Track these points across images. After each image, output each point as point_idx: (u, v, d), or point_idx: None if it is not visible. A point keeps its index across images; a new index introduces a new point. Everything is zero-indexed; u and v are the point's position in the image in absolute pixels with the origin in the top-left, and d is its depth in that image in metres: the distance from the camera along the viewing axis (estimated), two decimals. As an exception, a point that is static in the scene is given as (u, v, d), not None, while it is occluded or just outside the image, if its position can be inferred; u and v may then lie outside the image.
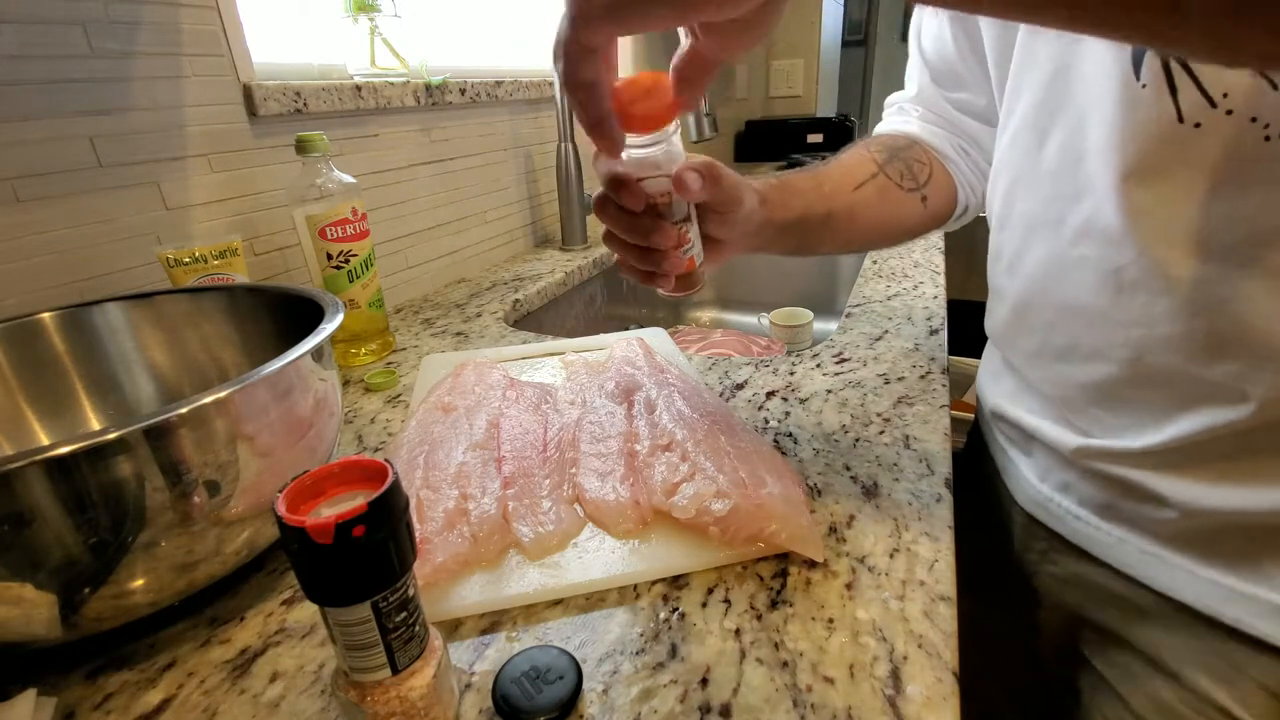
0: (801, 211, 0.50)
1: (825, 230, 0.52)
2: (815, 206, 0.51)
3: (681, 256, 0.41)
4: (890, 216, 0.55)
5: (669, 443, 0.44)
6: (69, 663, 0.33)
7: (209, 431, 0.31)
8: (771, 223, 0.48)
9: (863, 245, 0.57)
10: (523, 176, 1.09)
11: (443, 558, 0.35)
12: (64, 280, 0.53)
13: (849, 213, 0.52)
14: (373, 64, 0.80)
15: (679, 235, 0.40)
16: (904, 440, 0.48)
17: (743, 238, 0.46)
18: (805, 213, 0.50)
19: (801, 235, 0.51)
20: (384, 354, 0.70)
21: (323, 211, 0.63)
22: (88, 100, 0.53)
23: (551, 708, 0.27)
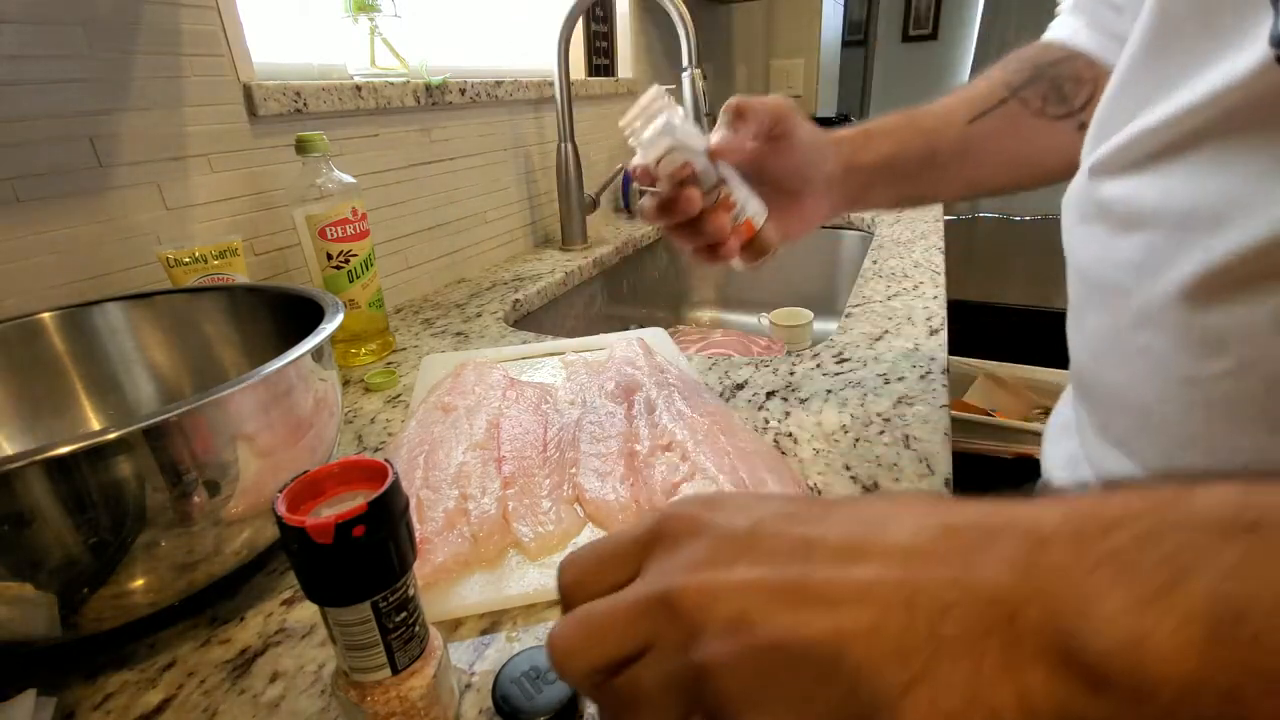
0: (892, 152, 0.44)
1: (932, 173, 0.45)
2: (911, 145, 0.45)
3: (731, 221, 0.40)
4: (1022, 152, 0.46)
5: (669, 443, 0.44)
6: (69, 663, 0.33)
7: (209, 431, 0.31)
8: (855, 168, 0.44)
9: (992, 188, 0.48)
10: (523, 176, 1.09)
11: (443, 558, 0.35)
12: (64, 280, 0.53)
13: (961, 150, 0.45)
14: (373, 64, 0.80)
15: (717, 198, 0.40)
16: (904, 440, 0.48)
17: (825, 190, 0.43)
18: (898, 153, 0.44)
19: (900, 181, 0.45)
20: (384, 354, 0.70)
21: (323, 211, 0.63)
22: (88, 100, 0.53)
23: (551, 708, 0.27)
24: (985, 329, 1.77)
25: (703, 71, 0.92)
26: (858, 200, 0.45)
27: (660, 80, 1.54)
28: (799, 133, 0.41)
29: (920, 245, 1.01)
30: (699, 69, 0.91)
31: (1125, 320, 0.33)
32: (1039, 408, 1.54)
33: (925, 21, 3.68)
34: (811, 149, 0.42)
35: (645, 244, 1.25)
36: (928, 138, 0.45)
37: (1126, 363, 0.34)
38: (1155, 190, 0.30)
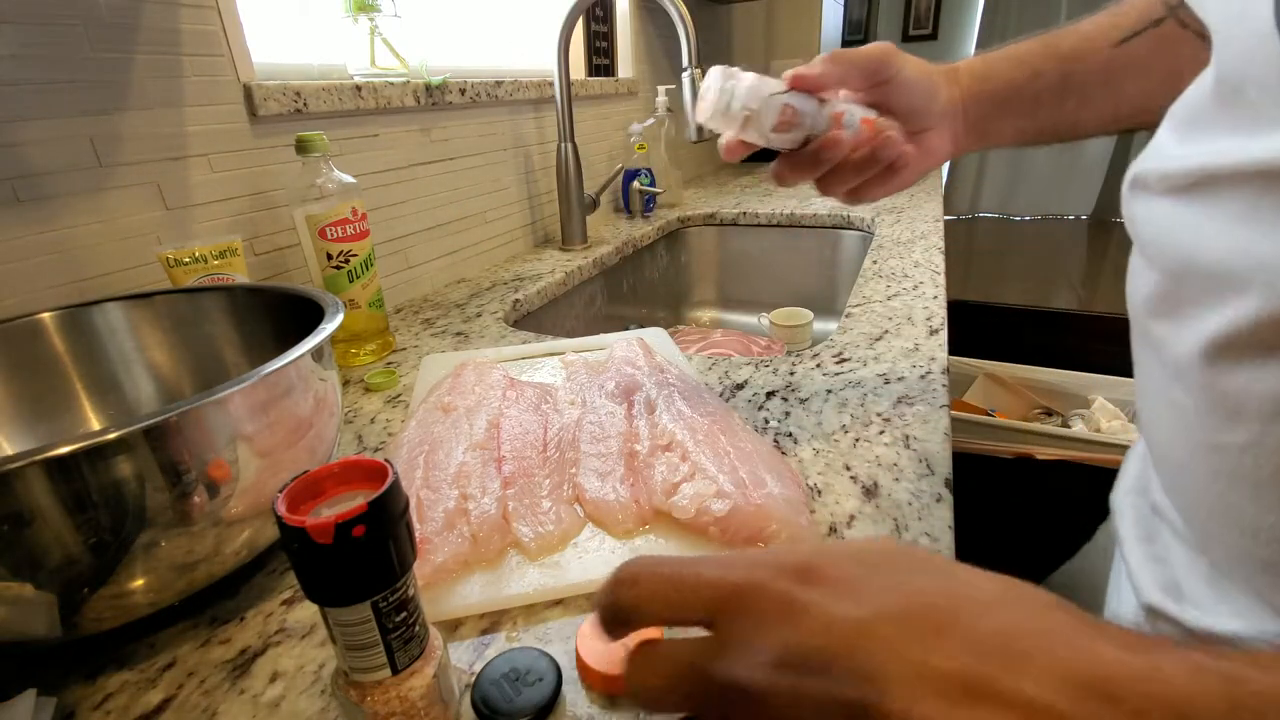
0: (1021, 79, 0.41)
1: (1069, 101, 0.41)
2: (1045, 71, 0.41)
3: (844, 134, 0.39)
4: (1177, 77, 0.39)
5: (669, 443, 0.44)
6: (69, 663, 0.33)
7: (209, 431, 0.31)
8: (976, 99, 0.41)
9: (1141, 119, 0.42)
10: (523, 176, 1.09)
11: (443, 558, 0.35)
12: (64, 280, 0.53)
13: (1104, 76, 0.41)
14: (373, 64, 0.80)
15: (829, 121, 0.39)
16: (904, 440, 0.48)
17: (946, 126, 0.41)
18: (1028, 80, 0.41)
19: (1033, 111, 0.41)
20: (384, 354, 0.70)
21: (323, 211, 0.63)
22: (88, 100, 0.53)
23: (530, 710, 0.27)
24: (985, 329, 1.77)
25: (703, 71, 0.91)
26: (984, 134, 0.42)
27: (660, 80, 1.54)
28: (906, 72, 0.39)
29: (920, 245, 1.01)
30: (699, 69, 0.91)
31: (1159, 370, 0.31)
32: (1039, 408, 1.54)
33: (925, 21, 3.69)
34: (921, 88, 0.40)
35: (645, 244, 1.25)
36: (1064, 62, 0.41)
37: (1161, 414, 0.32)
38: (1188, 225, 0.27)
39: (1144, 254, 0.31)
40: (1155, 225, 0.30)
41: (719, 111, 0.39)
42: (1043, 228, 3.88)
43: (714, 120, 0.39)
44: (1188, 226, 0.27)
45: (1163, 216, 0.29)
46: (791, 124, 0.39)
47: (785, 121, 0.38)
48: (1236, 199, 0.25)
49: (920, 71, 0.41)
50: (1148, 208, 0.30)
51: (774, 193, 1.54)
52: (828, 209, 1.30)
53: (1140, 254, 0.32)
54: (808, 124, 0.39)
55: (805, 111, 0.39)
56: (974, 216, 4.11)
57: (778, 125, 0.38)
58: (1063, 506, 1.23)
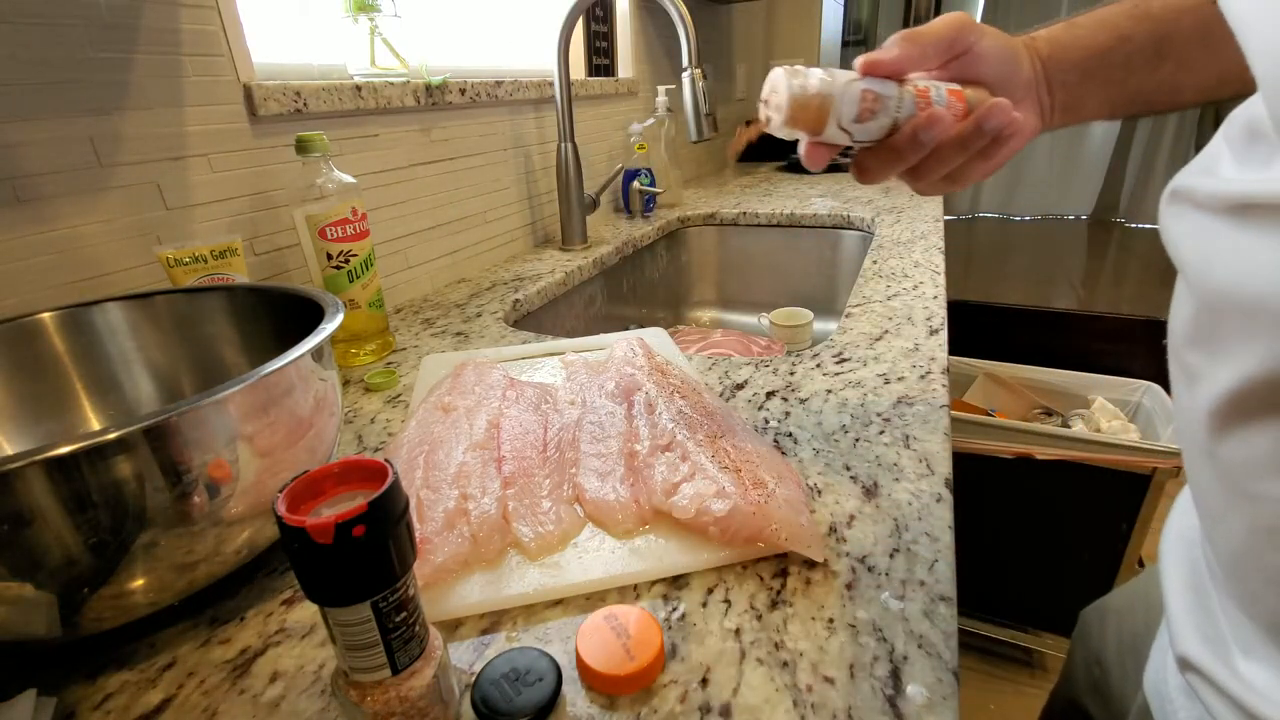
0: (1108, 44, 0.38)
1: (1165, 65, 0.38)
2: (1134, 34, 0.38)
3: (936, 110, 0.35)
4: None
5: (669, 443, 0.44)
6: (69, 663, 0.33)
7: (209, 431, 0.31)
8: (1060, 67, 0.38)
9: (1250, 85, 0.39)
10: (523, 176, 1.09)
11: (443, 558, 0.35)
12: (64, 280, 0.53)
13: (1202, 35, 0.37)
14: (373, 64, 0.80)
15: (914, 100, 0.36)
16: (904, 440, 0.48)
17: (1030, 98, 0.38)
18: (1116, 45, 0.38)
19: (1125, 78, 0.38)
20: (384, 354, 0.70)
21: (323, 211, 0.63)
22: (88, 100, 0.53)
23: (531, 710, 0.27)
24: (985, 329, 1.77)
25: (703, 71, 0.91)
26: (1073, 107, 0.39)
27: (660, 80, 1.54)
28: (983, 43, 0.37)
29: (920, 245, 1.01)
30: (699, 69, 0.91)
31: (1192, 405, 0.29)
32: (1039, 408, 1.54)
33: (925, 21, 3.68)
34: (1002, 59, 0.37)
35: (645, 244, 1.25)
36: (1157, 23, 0.38)
37: (1195, 456, 0.30)
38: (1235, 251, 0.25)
39: (1184, 276, 0.29)
40: (1197, 247, 0.27)
41: (793, 110, 0.35)
42: (1043, 228, 3.88)
43: (786, 122, 0.35)
44: (1234, 252, 0.25)
45: (1207, 237, 0.27)
46: (874, 111, 0.35)
47: (868, 109, 0.35)
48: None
49: (999, 40, 0.38)
50: (1191, 225, 0.28)
51: (774, 193, 1.54)
52: (828, 209, 1.30)
53: (1181, 277, 0.29)
54: (892, 108, 0.35)
55: (888, 95, 0.35)
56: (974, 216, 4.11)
57: (860, 115, 0.35)
58: (1063, 506, 1.23)
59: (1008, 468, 1.22)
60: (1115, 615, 0.54)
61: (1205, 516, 0.32)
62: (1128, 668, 0.47)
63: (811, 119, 0.35)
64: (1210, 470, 0.28)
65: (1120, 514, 1.17)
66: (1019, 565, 1.31)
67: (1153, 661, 0.41)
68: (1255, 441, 0.25)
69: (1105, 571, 1.22)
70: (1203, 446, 0.28)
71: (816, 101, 0.35)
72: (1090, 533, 1.22)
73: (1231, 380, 0.25)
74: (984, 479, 1.25)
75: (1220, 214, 0.26)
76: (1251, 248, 0.24)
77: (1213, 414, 0.27)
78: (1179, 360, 0.30)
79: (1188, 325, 0.28)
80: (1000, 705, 1.27)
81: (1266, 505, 0.25)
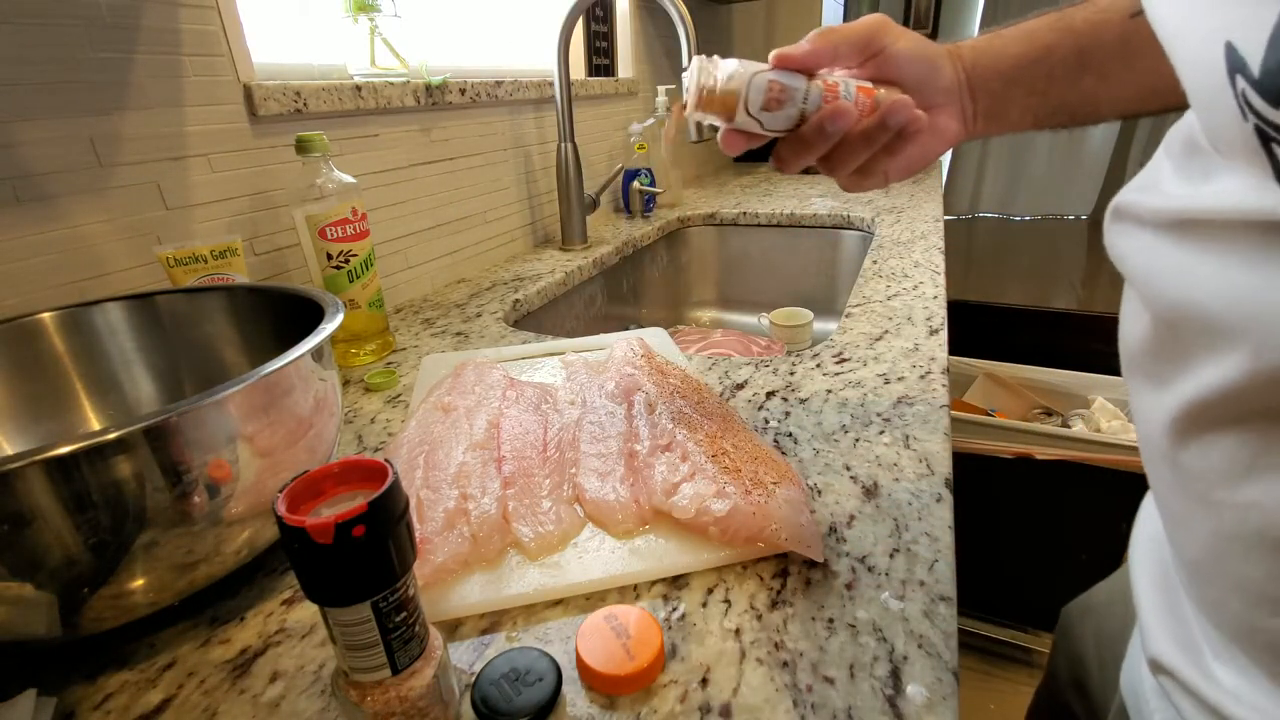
0: (1031, 54, 0.39)
1: (1085, 77, 0.39)
2: (1057, 46, 0.38)
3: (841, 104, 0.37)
4: None
5: (669, 443, 0.44)
6: (69, 663, 0.33)
7: (209, 431, 0.31)
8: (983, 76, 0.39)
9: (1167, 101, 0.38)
10: (523, 176, 1.09)
11: (443, 558, 0.35)
12: (64, 280, 0.53)
13: (1122, 50, 0.38)
14: (373, 64, 0.80)
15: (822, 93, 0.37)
16: (904, 440, 0.48)
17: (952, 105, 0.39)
18: (1040, 55, 0.39)
19: (1044, 88, 0.39)
20: (384, 354, 0.70)
21: (323, 211, 0.63)
22: (88, 100, 0.53)
23: (531, 710, 0.27)
24: (985, 329, 1.77)
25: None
26: (995, 116, 0.40)
27: (660, 80, 1.54)
28: (899, 45, 0.37)
29: (920, 245, 1.01)
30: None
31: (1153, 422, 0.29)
32: (1039, 408, 1.54)
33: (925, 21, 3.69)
34: (918, 61, 0.38)
35: (645, 244, 1.25)
36: (1078, 36, 0.38)
37: (1156, 460, 0.30)
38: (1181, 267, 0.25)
39: (1135, 290, 0.29)
40: (1144, 264, 0.28)
41: (703, 96, 0.37)
42: (1043, 228, 3.88)
43: (698, 106, 0.38)
44: (1179, 269, 0.25)
45: (1152, 254, 0.27)
46: (781, 101, 0.37)
47: (774, 99, 0.37)
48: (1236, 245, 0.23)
49: (917, 44, 0.39)
50: (1136, 242, 0.28)
51: (774, 192, 1.54)
52: (828, 209, 1.30)
53: (1132, 289, 0.30)
54: (799, 99, 0.37)
55: (795, 87, 0.37)
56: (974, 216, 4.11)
57: (767, 103, 0.37)
58: (1062, 506, 1.23)
59: (1008, 468, 1.22)
60: (1095, 613, 0.53)
61: (1168, 523, 0.32)
62: (1107, 667, 0.46)
63: (721, 105, 0.37)
64: (1171, 478, 0.28)
65: (1120, 514, 1.17)
66: (1019, 565, 1.31)
67: (1129, 661, 0.41)
68: (1216, 451, 0.25)
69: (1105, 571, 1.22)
70: (1164, 454, 0.28)
71: (727, 88, 0.37)
72: (1090, 533, 1.22)
73: (1192, 391, 0.25)
74: (984, 479, 1.25)
75: (1163, 230, 0.26)
76: (1194, 265, 0.24)
77: (1173, 423, 0.27)
78: (1137, 369, 0.30)
79: (1145, 335, 0.28)
80: (1000, 705, 1.27)
81: (1228, 513, 0.25)
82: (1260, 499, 0.23)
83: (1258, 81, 0.19)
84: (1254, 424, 0.23)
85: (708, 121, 0.39)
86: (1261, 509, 0.23)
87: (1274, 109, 0.18)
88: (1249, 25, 0.19)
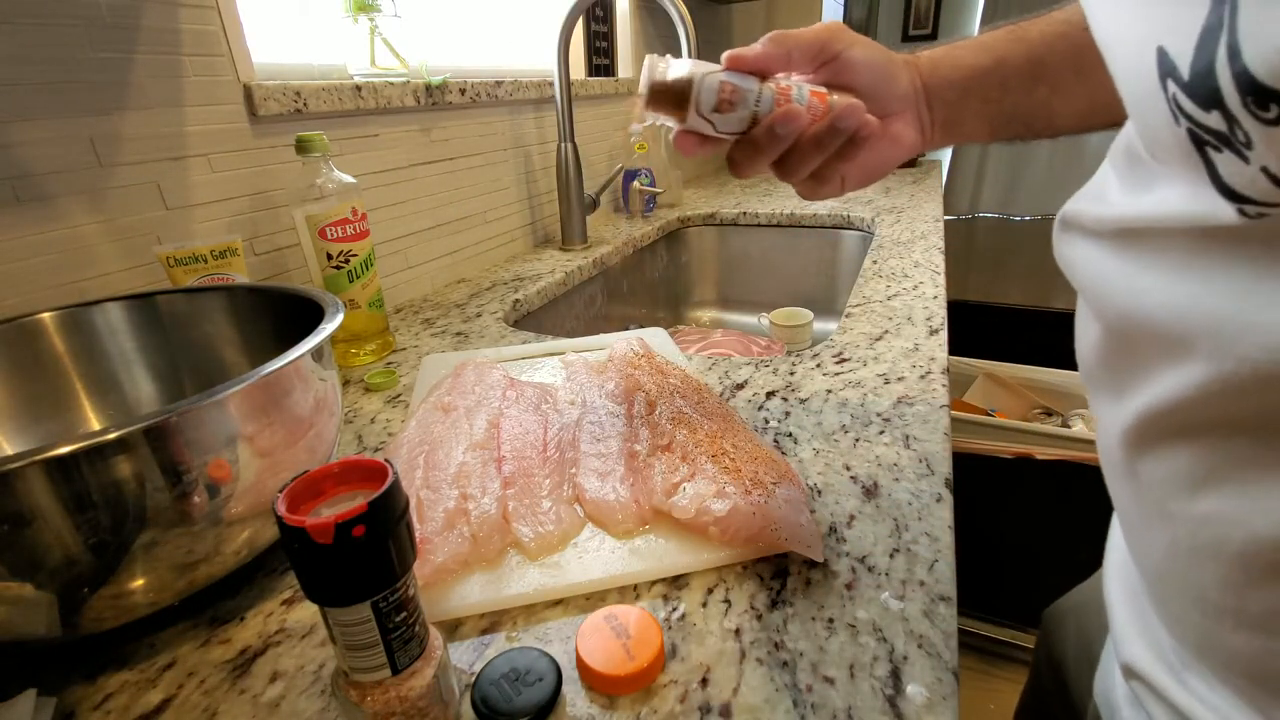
0: (984, 64, 0.39)
1: (1039, 88, 0.39)
2: (1011, 57, 0.39)
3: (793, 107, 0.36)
4: None
5: (669, 443, 0.44)
6: (69, 663, 0.33)
7: (209, 431, 0.31)
8: (938, 85, 0.39)
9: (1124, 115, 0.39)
10: (523, 176, 1.09)
11: (443, 558, 0.35)
12: (64, 280, 0.53)
13: (1075, 62, 0.38)
14: (373, 64, 0.80)
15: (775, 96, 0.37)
16: (904, 440, 0.48)
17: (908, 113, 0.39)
18: (994, 66, 0.39)
19: (999, 98, 0.39)
20: (384, 354, 0.70)
21: (323, 211, 0.63)
22: (88, 100, 0.53)
23: (531, 710, 0.28)
24: (985, 329, 1.77)
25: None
26: (952, 125, 0.40)
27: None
28: (853, 52, 0.37)
29: (920, 245, 1.01)
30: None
31: (1110, 433, 0.28)
32: (1039, 408, 1.54)
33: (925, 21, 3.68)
34: (873, 68, 0.38)
35: (645, 244, 1.25)
36: (1033, 47, 0.39)
37: (1113, 477, 0.30)
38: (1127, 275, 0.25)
39: (1086, 300, 0.29)
40: (1092, 274, 0.28)
41: (654, 97, 0.36)
42: (1043, 228, 3.87)
43: (648, 105, 0.37)
44: (1125, 278, 0.25)
45: (1099, 264, 0.27)
46: (733, 102, 0.36)
47: (726, 100, 0.36)
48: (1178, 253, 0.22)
49: (872, 51, 0.39)
50: (1084, 251, 0.28)
51: (774, 193, 1.54)
52: (828, 209, 1.30)
53: (1083, 300, 0.29)
54: (751, 101, 0.36)
55: (747, 89, 0.36)
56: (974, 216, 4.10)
57: (719, 104, 0.36)
58: (1063, 506, 1.23)
59: (1008, 468, 1.22)
60: (1073, 616, 0.53)
61: (1128, 535, 0.31)
62: (1084, 671, 0.46)
63: (671, 105, 0.37)
64: (1130, 489, 0.28)
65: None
66: (1019, 565, 1.31)
67: (1102, 667, 0.41)
68: (1173, 461, 0.25)
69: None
70: (1121, 464, 0.28)
71: (677, 88, 0.36)
72: (1090, 533, 1.22)
73: (1146, 401, 0.25)
74: (984, 479, 1.25)
75: (1108, 240, 0.26)
76: (1139, 274, 0.24)
77: (1129, 433, 0.26)
78: (1093, 378, 0.30)
79: (1098, 345, 0.28)
80: (1000, 705, 1.27)
81: (1185, 525, 0.25)
82: (1217, 511, 0.23)
83: (1187, 84, 0.18)
84: (1210, 435, 0.23)
85: (660, 122, 0.38)
86: (1219, 521, 0.23)
87: (1205, 112, 0.18)
88: (1178, 29, 0.18)
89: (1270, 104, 0.16)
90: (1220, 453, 0.23)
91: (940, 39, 3.99)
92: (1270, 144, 0.17)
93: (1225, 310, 0.20)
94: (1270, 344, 0.19)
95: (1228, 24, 0.17)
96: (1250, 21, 0.16)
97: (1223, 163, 0.19)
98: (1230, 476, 0.23)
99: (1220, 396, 0.21)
